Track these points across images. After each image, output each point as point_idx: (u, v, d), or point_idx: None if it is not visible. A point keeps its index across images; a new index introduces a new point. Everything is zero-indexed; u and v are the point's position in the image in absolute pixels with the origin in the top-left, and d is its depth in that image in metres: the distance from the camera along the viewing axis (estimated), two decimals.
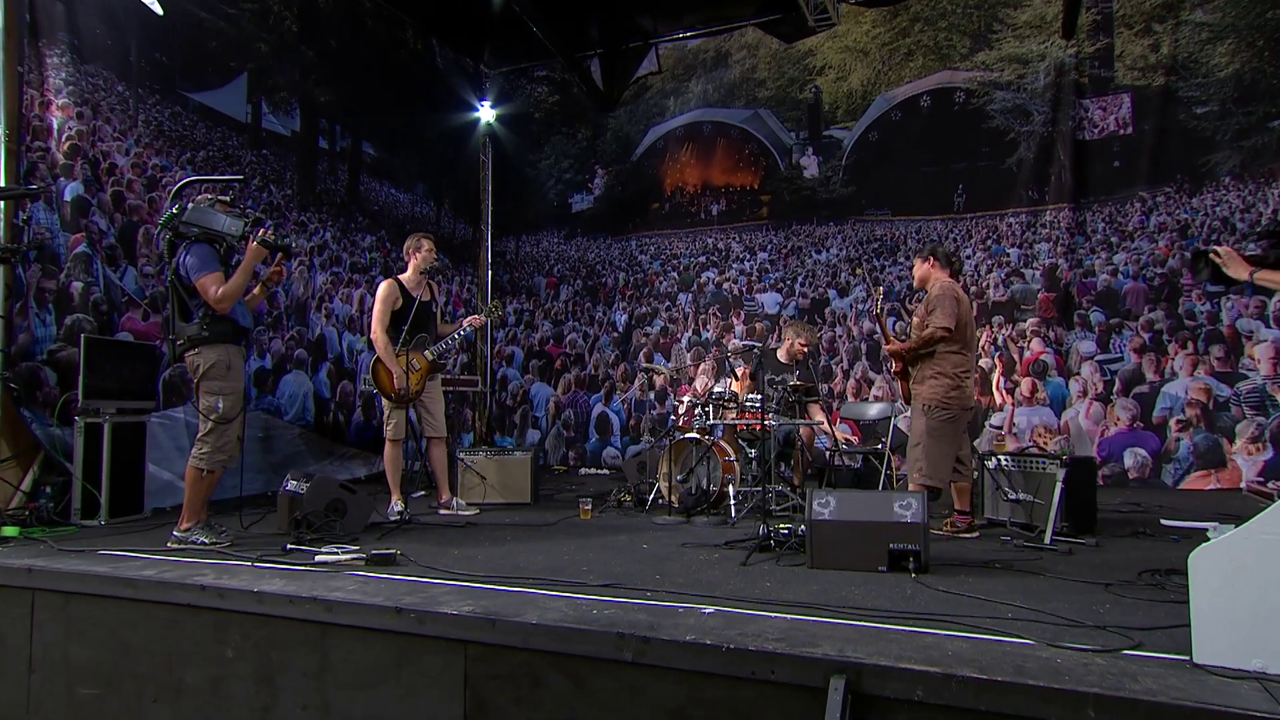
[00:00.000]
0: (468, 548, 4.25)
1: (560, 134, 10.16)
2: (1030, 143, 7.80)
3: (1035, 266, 7.72)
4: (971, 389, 4.64)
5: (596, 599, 3.08)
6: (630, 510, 5.73)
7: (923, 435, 4.58)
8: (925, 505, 3.57)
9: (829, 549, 3.65)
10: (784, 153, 8.95)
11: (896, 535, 3.54)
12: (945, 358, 4.60)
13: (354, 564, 3.77)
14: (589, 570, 3.61)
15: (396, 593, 3.22)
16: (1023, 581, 3.42)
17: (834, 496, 3.71)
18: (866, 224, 8.50)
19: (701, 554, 4.04)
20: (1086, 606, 2.98)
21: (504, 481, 6.22)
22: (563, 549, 4.20)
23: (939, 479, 4.50)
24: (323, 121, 7.99)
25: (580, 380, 9.65)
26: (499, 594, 3.19)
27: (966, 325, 4.61)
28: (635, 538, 4.55)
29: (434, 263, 5.66)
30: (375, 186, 8.76)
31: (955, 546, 4.31)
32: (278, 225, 7.34)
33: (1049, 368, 7.54)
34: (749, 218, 9.08)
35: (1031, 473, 4.69)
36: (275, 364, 7.29)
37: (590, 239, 9.95)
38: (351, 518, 4.72)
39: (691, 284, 9.25)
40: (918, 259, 4.89)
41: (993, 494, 4.91)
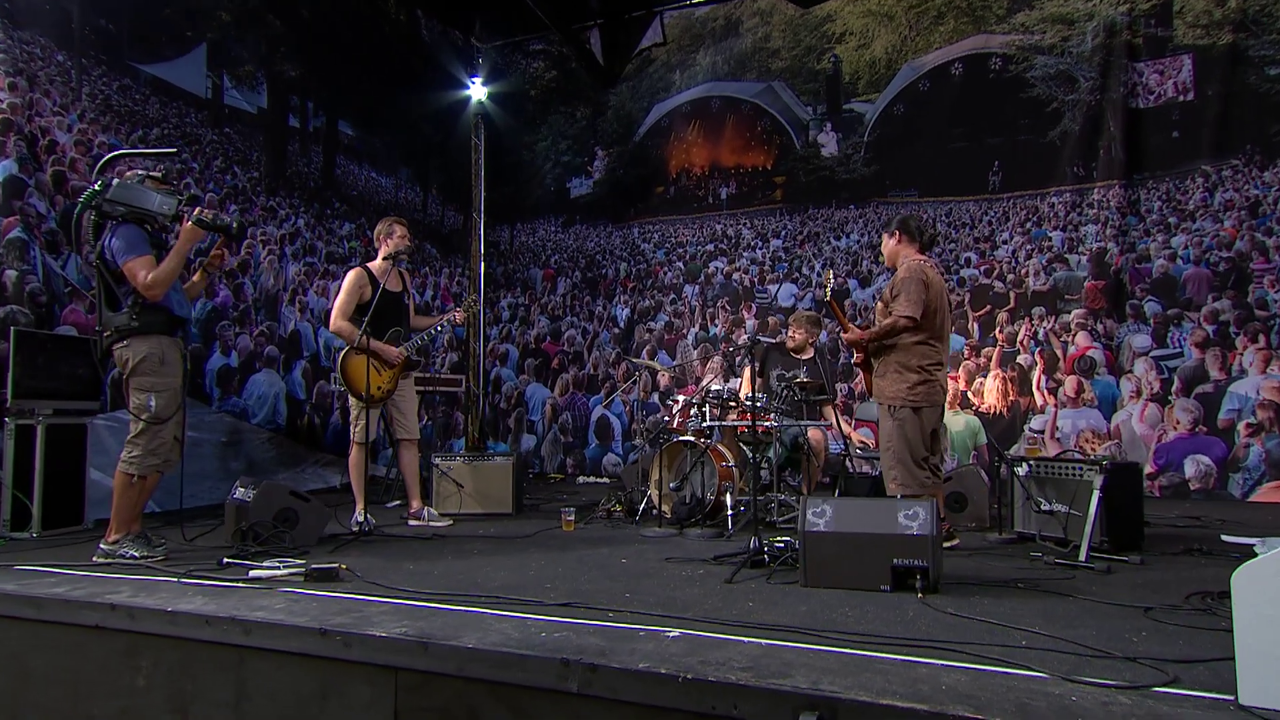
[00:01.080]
0: (426, 562, 4.14)
1: (558, 113, 10.06)
2: (1076, 113, 7.56)
3: (1081, 251, 7.50)
4: (943, 384, 4.46)
5: (549, 620, 2.94)
6: (620, 521, 5.61)
7: (891, 438, 4.40)
8: (935, 516, 3.33)
9: (825, 565, 3.45)
10: (800, 129, 8.78)
11: (901, 549, 3.32)
12: (910, 349, 4.41)
13: (292, 580, 3.65)
14: (552, 588, 3.49)
15: (327, 612, 3.07)
16: (1047, 604, 3.20)
17: (831, 505, 3.50)
18: (891, 207, 8.30)
19: (685, 569, 3.91)
20: (1118, 634, 2.74)
21: (483, 490, 6.09)
22: (531, 564, 4.09)
23: (916, 486, 4.31)
24: (293, 98, 7.89)
25: (579, 380, 9.52)
26: (442, 614, 3.05)
27: (936, 312, 4.41)
28: (616, 551, 4.44)
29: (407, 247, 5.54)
30: (354, 170, 8.66)
31: (975, 563, 4.11)
32: (244, 210, 7.24)
33: (1097, 365, 7.32)
34: (761, 201, 8.93)
35: (1065, 480, 4.48)
36: (243, 362, 7.18)
37: (590, 226, 9.85)
38: (304, 528, 4.63)
39: (698, 275, 9.10)
40: (885, 234, 4.70)
41: (1023, 505, 4.70)
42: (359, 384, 5.23)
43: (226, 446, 7.05)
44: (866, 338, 4.55)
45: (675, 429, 5.57)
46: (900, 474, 4.35)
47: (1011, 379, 7.58)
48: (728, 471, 5.22)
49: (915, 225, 4.61)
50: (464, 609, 3.11)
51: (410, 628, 2.84)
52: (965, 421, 7.61)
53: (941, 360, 4.48)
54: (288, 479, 7.47)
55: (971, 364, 7.76)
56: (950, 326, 4.68)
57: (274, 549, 4.28)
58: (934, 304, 4.40)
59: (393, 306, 5.52)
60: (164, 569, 3.86)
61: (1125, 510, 4.35)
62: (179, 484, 4.62)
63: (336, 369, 5.36)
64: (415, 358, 5.65)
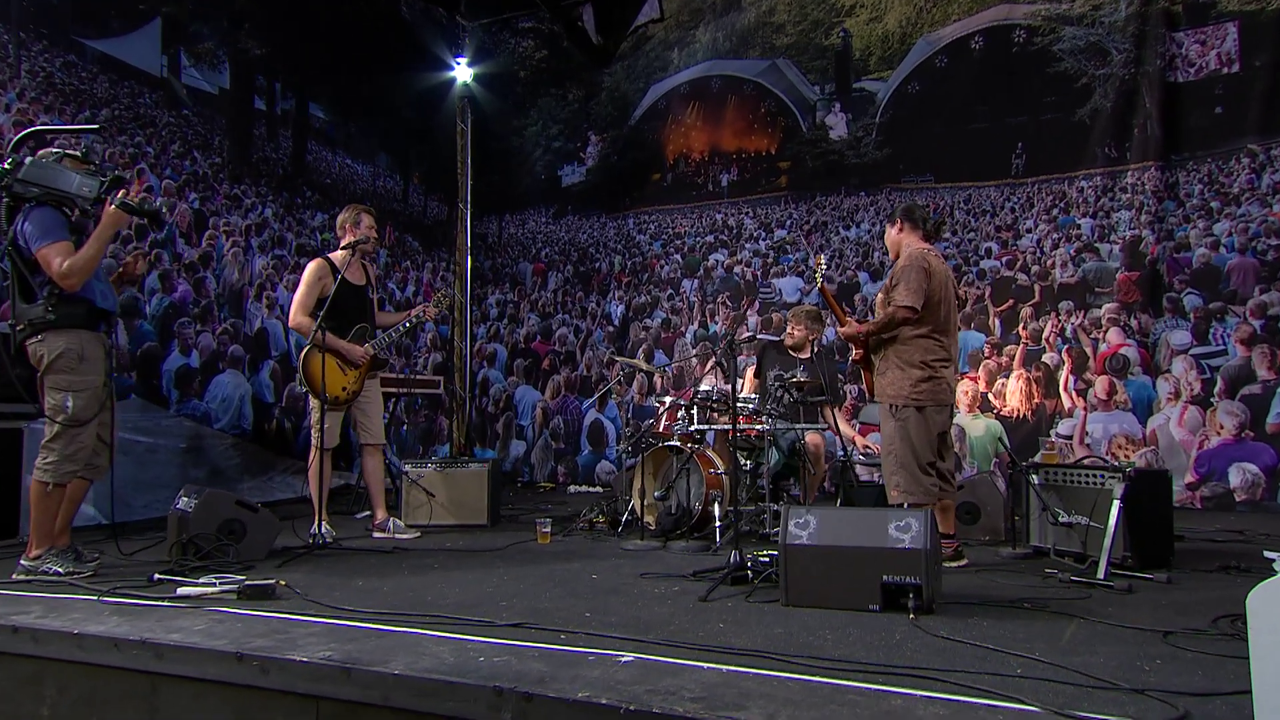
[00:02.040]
0: (378, 578, 4.08)
1: (549, 95, 9.98)
2: (1107, 89, 7.38)
3: (1113, 240, 7.32)
4: (950, 383, 4.35)
5: (492, 643, 2.83)
6: (602, 533, 5.54)
7: (893, 441, 4.28)
8: (930, 527, 3.18)
9: (808, 582, 3.32)
10: (806, 110, 8.63)
11: (891, 565, 3.18)
12: (912, 343, 4.31)
13: (224, 598, 3.56)
14: (508, 606, 3.42)
15: (249, 634, 2.97)
16: (1053, 626, 3.04)
17: (815, 515, 3.36)
18: (905, 193, 8.14)
19: (659, 586, 3.83)
20: (1129, 662, 2.58)
21: (456, 499, 6.00)
22: (493, 579, 4.02)
23: (921, 494, 4.19)
24: (259, 79, 7.82)
25: (571, 382, 9.42)
26: (377, 636, 2.96)
27: (941, 303, 4.31)
28: (589, 566, 4.37)
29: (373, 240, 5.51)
30: (327, 156, 8.59)
31: (982, 581, 3.97)
32: (205, 198, 7.15)
33: (1131, 364, 7.14)
34: (765, 189, 8.80)
35: (1085, 489, 4.33)
36: (204, 362, 7.10)
37: (582, 217, 9.76)
38: (252, 541, 4.56)
39: (697, 268, 8.98)
40: (888, 225, 4.63)
41: (1039, 516, 4.57)
42: (319, 383, 5.14)
43: (186, 453, 6.97)
44: (864, 331, 4.45)
45: (661, 433, 5.43)
46: (903, 480, 4.22)
47: (1036, 380, 7.41)
48: (716, 480, 5.10)
49: (917, 213, 4.52)
50: (403, 630, 3.02)
51: (337, 652, 2.73)
52: (986, 426, 7.47)
53: (947, 356, 4.36)
54: (253, 488, 7.40)
55: (993, 363, 7.60)
56: (957, 320, 4.56)
57: (215, 564, 4.20)
58: (937, 294, 4.29)
59: (355, 301, 5.45)
60: (87, 586, 3.76)
61: (1152, 522, 4.20)
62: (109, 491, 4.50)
63: (299, 368, 5.27)
64: (382, 356, 5.56)
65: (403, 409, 9.19)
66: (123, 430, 6.38)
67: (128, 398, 6.47)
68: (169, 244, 6.84)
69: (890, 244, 4.61)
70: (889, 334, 4.36)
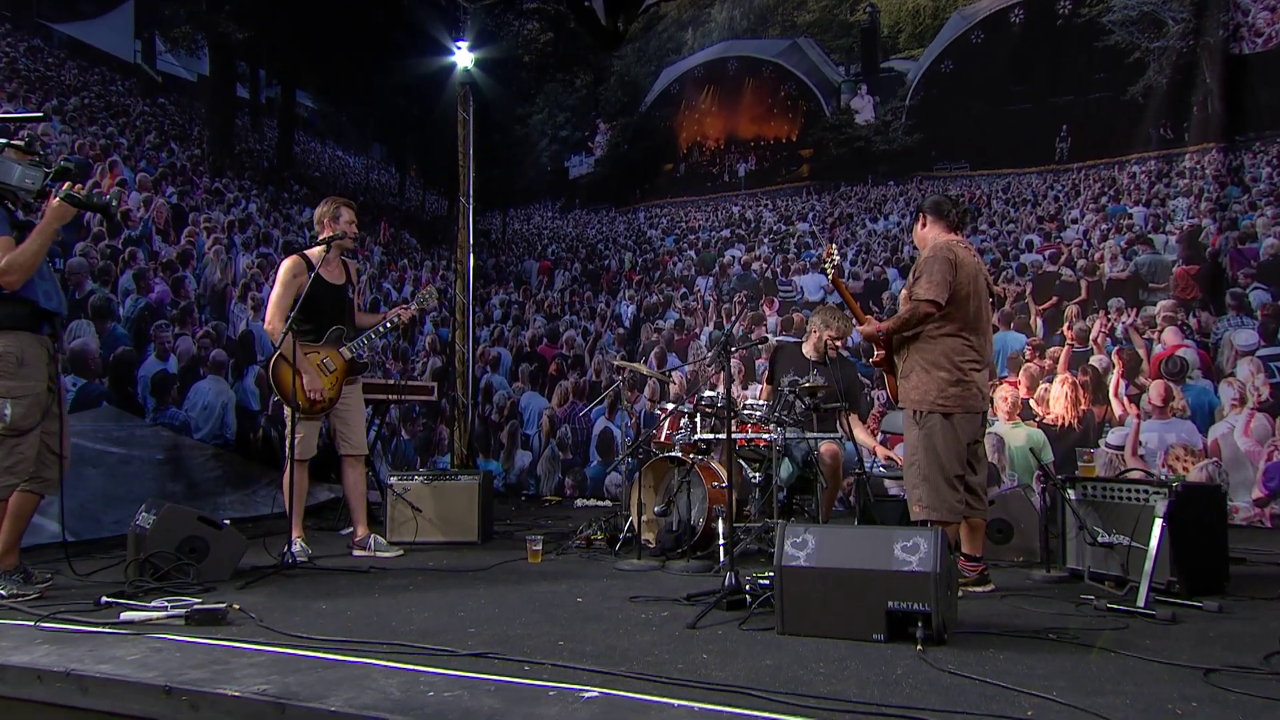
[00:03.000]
0: (346, 600, 4.04)
1: (555, 81, 9.92)
2: (1163, 63, 7.17)
3: (1170, 230, 7.12)
4: (982, 388, 4.21)
5: (448, 674, 2.76)
6: (600, 552, 5.49)
7: (916, 451, 4.15)
8: (940, 547, 3.03)
9: (806, 608, 3.21)
10: (830, 93, 8.50)
11: (897, 590, 3.05)
12: (937, 343, 4.18)
13: (171, 623, 3.52)
14: (477, 632, 3.38)
15: (186, 665, 2.92)
16: (1079, 661, 2.91)
17: (814, 534, 3.23)
18: (937, 182, 7.98)
19: (647, 611, 3.76)
20: (1159, 704, 2.44)
21: (444, 514, 5.97)
22: (468, 602, 3.99)
23: (946, 510, 4.05)
24: (241, 65, 7.79)
25: (579, 389, 9.34)
26: (325, 666, 2.90)
27: (970, 298, 4.17)
28: (576, 588, 4.33)
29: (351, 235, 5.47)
30: (315, 148, 8.56)
31: (1007, 608, 3.83)
32: (184, 192, 7.13)
33: (1189, 367, 6.93)
34: (785, 178, 8.67)
35: (1127, 505, 4.19)
36: (184, 367, 7.06)
37: (590, 211, 9.70)
38: (215, 560, 4.54)
39: (712, 265, 8.88)
40: (915, 223, 4.56)
41: (1075, 535, 4.44)
42: (290, 390, 5.12)
43: (163, 465, 6.92)
44: (884, 329, 4.33)
45: (661, 443, 5.33)
46: (926, 495, 4.09)
47: (1083, 385, 7.23)
48: (720, 494, 4.98)
49: (944, 206, 4.43)
50: (353, 660, 2.96)
51: (275, 685, 2.65)
52: (1027, 435, 7.29)
53: (978, 358, 4.23)
54: (235, 502, 7.37)
55: (1035, 367, 7.43)
56: (990, 317, 4.44)
57: (173, 585, 4.17)
58: (965, 288, 4.17)
59: (332, 300, 5.40)
60: (28, 610, 3.71)
61: (1202, 543, 4.06)
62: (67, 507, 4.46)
63: (268, 375, 5.25)
64: (361, 360, 5.51)
65: (398, 417, 9.14)
66: (94, 440, 6.40)
67: (99, 405, 6.44)
68: (145, 241, 6.81)
69: (918, 241, 4.54)
70: (911, 332, 4.24)
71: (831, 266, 4.41)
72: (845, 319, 5.70)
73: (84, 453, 6.22)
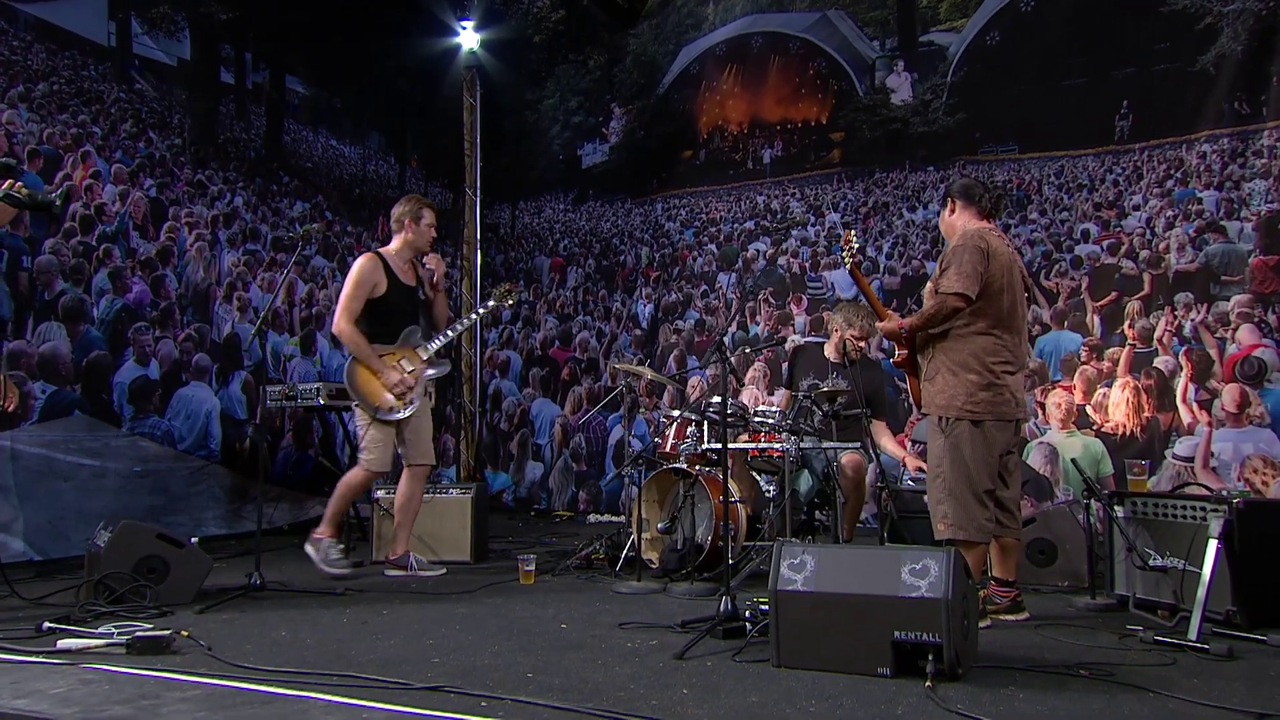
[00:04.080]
0: (310, 626, 4.00)
1: (567, 62, 9.93)
2: (1238, 29, 7.00)
3: (1245, 217, 6.96)
4: (1015, 391, 4.08)
5: (395, 711, 2.68)
6: (600, 572, 5.41)
7: (942, 462, 4.01)
8: (954, 569, 2.89)
9: (803, 637, 3.09)
10: (863, 70, 8.42)
11: (904, 618, 2.92)
12: (966, 342, 4.04)
13: (111, 651, 3.46)
14: (440, 663, 3.31)
15: (111, 700, 2.89)
16: (1111, 703, 2.77)
17: (813, 555, 3.10)
18: (982, 166, 7.86)
19: (635, 639, 3.67)
20: None
21: (434, 532, 5.94)
22: (440, 629, 3.92)
23: (973, 529, 3.90)
24: (225, 48, 7.84)
25: (594, 395, 9.28)
26: (261, 702, 2.83)
27: (1003, 292, 4.03)
28: (564, 612, 4.27)
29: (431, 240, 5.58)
30: (307, 137, 8.59)
31: (1039, 639, 3.67)
32: (164, 185, 7.15)
33: (1268, 369, 6.77)
34: (814, 165, 8.61)
35: (1183, 524, 4.03)
36: (165, 373, 7.08)
37: (605, 203, 9.70)
38: (176, 581, 4.49)
39: (735, 260, 8.82)
40: (940, 208, 4.43)
41: (1124, 558, 4.28)
42: (374, 396, 5.21)
43: (141, 479, 6.93)
44: (906, 326, 4.22)
45: (667, 453, 5.23)
46: (951, 511, 3.95)
47: (1147, 389, 7.07)
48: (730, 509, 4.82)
49: (976, 189, 4.30)
50: (296, 694, 2.89)
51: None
52: (1084, 445, 7.14)
53: (1012, 359, 4.09)
54: (221, 518, 7.39)
55: (1092, 369, 7.26)
56: (1025, 313, 4.30)
57: (128, 608, 4.13)
58: (998, 280, 4.03)
59: (408, 305, 5.48)
60: None
61: (1269, 568, 3.87)
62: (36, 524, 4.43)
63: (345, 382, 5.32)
64: (441, 365, 5.60)
65: None
66: (66, 452, 6.41)
67: (71, 414, 6.46)
68: (121, 238, 6.83)
69: (945, 229, 4.41)
70: (937, 329, 4.11)
71: (850, 255, 4.28)
72: (871, 316, 5.56)
73: (54, 465, 6.25)
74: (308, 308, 8.29)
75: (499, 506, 9.38)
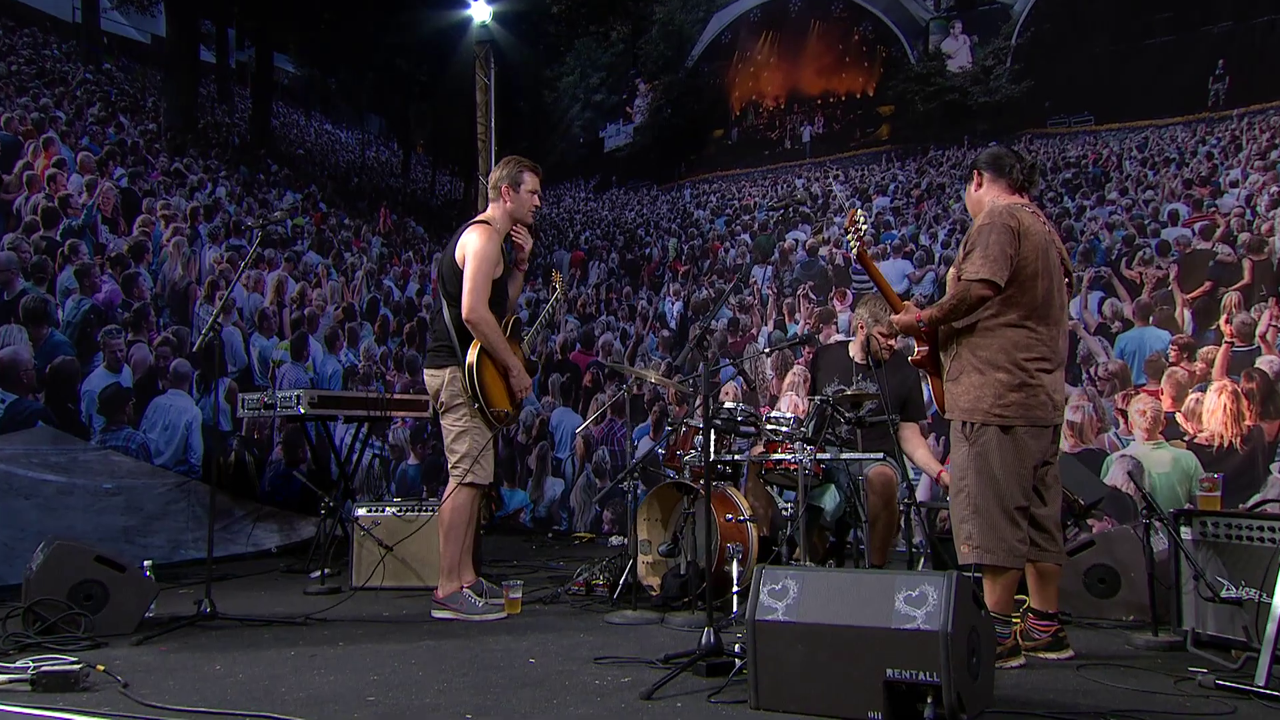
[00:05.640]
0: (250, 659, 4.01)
1: (588, 34, 9.94)
2: None
3: None
4: (1053, 393, 3.94)
5: None
6: (600, 599, 5.37)
7: (966, 474, 3.88)
8: (956, 597, 2.73)
9: (785, 676, 2.99)
10: (916, 35, 8.32)
11: (897, 654, 2.79)
12: (994, 335, 3.90)
13: (14, 688, 3.45)
14: (376, 701, 3.30)
15: None
16: None
17: (797, 580, 2.96)
18: (1052, 140, 7.72)
19: (607, 676, 3.63)
20: None
21: (419, 554, 5.85)
22: (393, 663, 3.91)
23: (1003, 552, 3.76)
24: (206, 24, 7.89)
25: (618, 404, 9.15)
26: None
27: (1036, 277, 3.87)
28: (540, 645, 4.26)
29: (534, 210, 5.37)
30: (299, 121, 8.64)
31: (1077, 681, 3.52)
32: (136, 174, 7.21)
33: None
34: (860, 143, 8.53)
35: (1259, 548, 3.90)
36: (139, 380, 7.12)
37: (629, 190, 9.70)
38: (114, 609, 4.47)
39: (772, 251, 8.72)
40: (966, 183, 4.30)
41: (1192, 589, 4.13)
42: (499, 397, 4.93)
43: (113, 496, 6.97)
44: (925, 318, 4.07)
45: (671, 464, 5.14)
46: (977, 531, 3.82)
47: (1248, 393, 6.87)
48: (735, 529, 4.81)
49: (1007, 160, 4.17)
50: None
51: None
52: (1174, 459, 6.94)
53: (1049, 355, 3.94)
54: (202, 539, 7.29)
55: (1183, 372, 7.07)
56: (1065, 302, 4.12)
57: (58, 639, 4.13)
58: (1031, 264, 3.87)
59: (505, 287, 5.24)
60: None
61: None
62: None
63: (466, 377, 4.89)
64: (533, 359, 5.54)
65: (407, 439, 9.13)
66: (27, 467, 6.46)
67: (35, 425, 6.51)
68: (89, 232, 6.88)
69: (972, 207, 4.27)
70: (961, 322, 3.96)
71: (855, 238, 4.14)
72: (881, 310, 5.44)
73: (13, 481, 6.28)
74: (299, 309, 8.30)
75: (516, 527, 9.39)
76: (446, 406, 4.93)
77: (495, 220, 5.15)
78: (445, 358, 4.93)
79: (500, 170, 5.28)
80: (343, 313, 8.72)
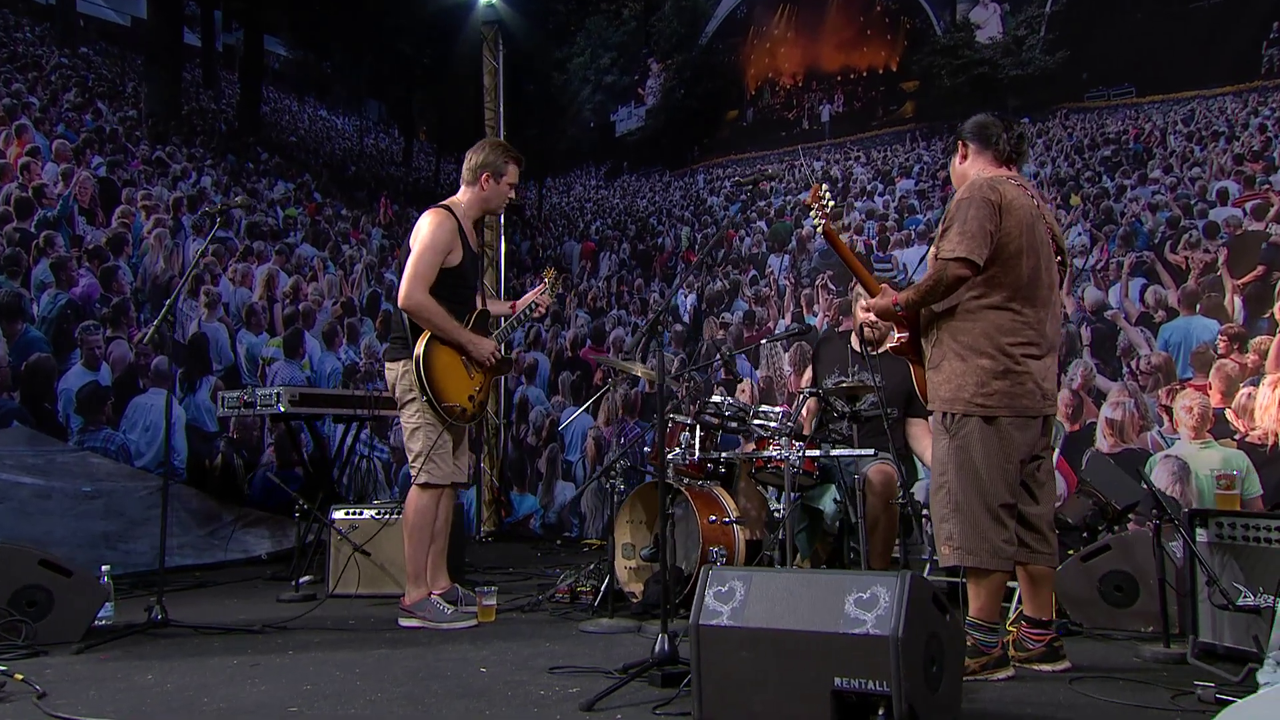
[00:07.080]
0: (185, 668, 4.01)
1: (599, 13, 9.94)
2: None
3: None
4: (1041, 381, 3.82)
5: None
6: (581, 606, 5.34)
7: (946, 469, 3.76)
8: (909, 599, 2.62)
9: (730, 685, 2.88)
10: (941, 4, 8.20)
11: (845, 661, 2.69)
12: (976, 319, 3.78)
13: None
14: (296, 712, 3.28)
15: None
16: None
17: (744, 581, 2.88)
18: (1090, 115, 7.58)
19: (555, 686, 3.61)
20: None
21: (398, 559, 5.76)
22: (333, 673, 3.89)
23: (986, 553, 3.64)
24: (191, 5, 7.93)
25: (631, 402, 9.14)
26: None
27: (1021, 254, 3.75)
28: (498, 654, 4.24)
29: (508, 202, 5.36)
30: (290, 106, 8.66)
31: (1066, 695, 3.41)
32: (116, 163, 7.25)
33: None
34: (883, 122, 8.43)
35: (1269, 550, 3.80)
36: (119, 379, 7.16)
37: (641, 176, 9.69)
38: (59, 616, 4.46)
39: (789, 239, 8.64)
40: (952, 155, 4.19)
41: (1206, 596, 3.99)
42: (453, 391, 4.84)
43: (92, 500, 7.01)
44: (901, 301, 3.94)
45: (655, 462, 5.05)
46: (958, 531, 3.71)
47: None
48: (718, 531, 4.74)
49: (994, 129, 4.03)
50: None
51: None
52: (1223, 458, 6.75)
53: (1037, 339, 3.82)
54: (188, 545, 7.43)
55: (1232, 364, 6.91)
56: (1055, 282, 3.99)
57: None
58: (1015, 240, 3.76)
59: (474, 276, 5.22)
60: None
61: None
62: None
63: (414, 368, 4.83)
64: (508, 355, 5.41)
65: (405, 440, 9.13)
66: (1, 469, 6.49)
67: (10, 425, 6.56)
68: (65, 223, 6.92)
69: (956, 180, 4.16)
70: (941, 305, 3.84)
71: (820, 214, 4.00)
72: None
73: None
74: (292, 303, 8.31)
75: (525, 534, 9.40)
76: (401, 402, 4.90)
77: (462, 206, 5.08)
78: (399, 349, 4.89)
79: (482, 155, 5.16)
80: (341, 308, 8.73)
